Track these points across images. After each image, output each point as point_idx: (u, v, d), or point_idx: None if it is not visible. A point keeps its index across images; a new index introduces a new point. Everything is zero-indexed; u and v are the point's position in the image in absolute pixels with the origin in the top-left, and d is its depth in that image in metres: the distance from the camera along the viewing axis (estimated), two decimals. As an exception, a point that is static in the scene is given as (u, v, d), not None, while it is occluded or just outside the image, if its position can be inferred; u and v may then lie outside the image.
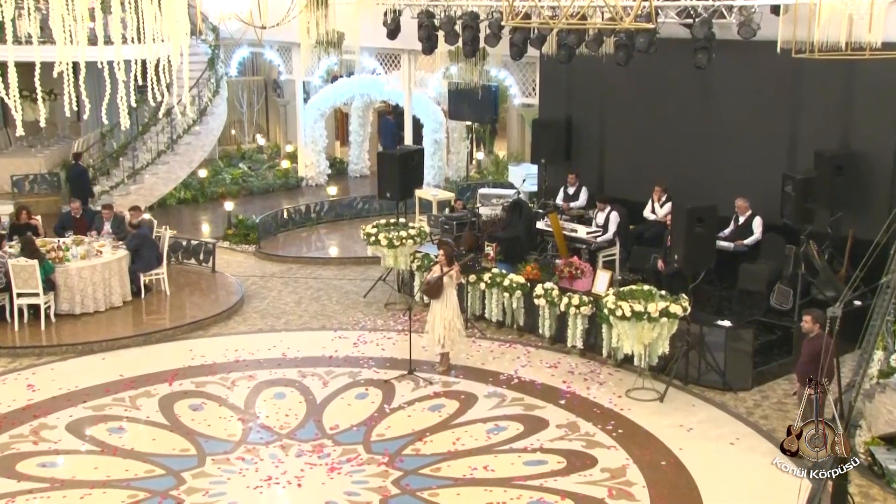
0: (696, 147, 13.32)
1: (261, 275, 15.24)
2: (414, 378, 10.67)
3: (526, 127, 22.78)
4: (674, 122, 13.59)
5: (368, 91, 21.91)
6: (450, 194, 17.76)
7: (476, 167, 23.73)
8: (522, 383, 10.56)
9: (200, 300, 13.66)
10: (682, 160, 13.49)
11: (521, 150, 23.31)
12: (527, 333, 12.14)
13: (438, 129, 21.09)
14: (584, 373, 10.89)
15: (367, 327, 12.55)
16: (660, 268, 11.56)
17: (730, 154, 12.92)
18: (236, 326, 12.74)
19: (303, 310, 13.40)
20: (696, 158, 13.30)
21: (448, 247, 11.27)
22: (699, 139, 13.27)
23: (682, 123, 13.45)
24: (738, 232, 12.09)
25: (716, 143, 13.08)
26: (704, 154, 13.20)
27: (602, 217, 13.19)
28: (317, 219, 18.45)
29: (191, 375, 10.83)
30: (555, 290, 11.50)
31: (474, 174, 22.64)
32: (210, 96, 19.17)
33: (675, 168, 13.54)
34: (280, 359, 11.38)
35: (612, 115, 14.69)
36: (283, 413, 9.84)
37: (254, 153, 24.43)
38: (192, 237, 16.10)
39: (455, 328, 10.71)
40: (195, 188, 20.68)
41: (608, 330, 10.74)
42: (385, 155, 14.24)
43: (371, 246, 13.28)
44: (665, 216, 12.60)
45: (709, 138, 13.17)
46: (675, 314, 9.92)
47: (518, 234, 13.25)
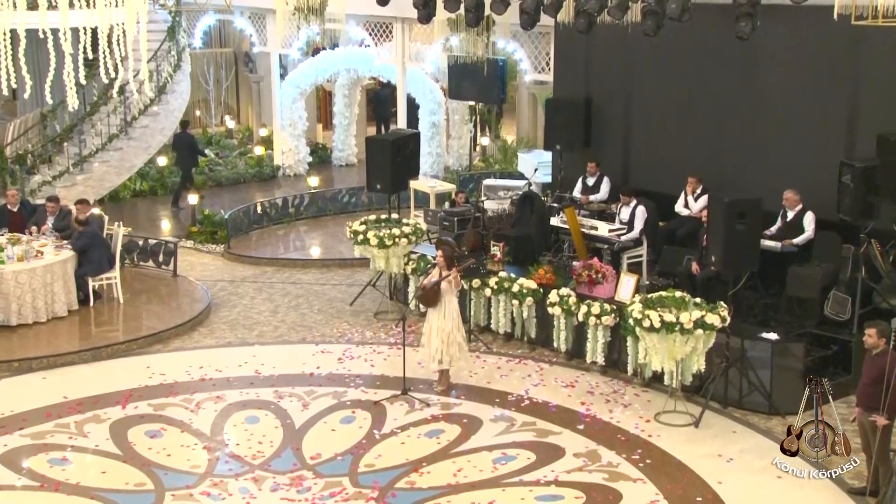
0: (737, 131, 13.34)
1: (230, 279, 15.26)
2: (408, 399, 10.69)
3: (538, 108, 22.81)
4: (711, 103, 13.61)
5: (355, 66, 21.93)
6: (450, 186, 17.79)
7: (480, 154, 23.74)
8: (534, 405, 10.58)
9: (159, 309, 13.67)
10: (720, 146, 13.51)
11: (533, 135, 23.34)
12: (539, 347, 12.17)
13: (437, 110, 21.12)
14: (605, 393, 10.91)
15: (353, 340, 12.57)
16: (694, 271, 11.58)
17: (777, 139, 12.95)
18: (201, 339, 12.76)
19: (279, 320, 13.42)
20: (737, 144, 13.32)
21: (448, 247, 11.29)
22: (741, 122, 13.29)
23: (721, 103, 13.47)
24: (787, 229, 12.11)
25: (760, 127, 13.10)
26: (747, 139, 13.21)
27: (627, 212, 13.21)
28: (296, 214, 18.46)
29: (148, 397, 10.84)
30: (572, 297, 11.52)
31: (478, 163, 22.66)
32: (170, 71, 19.19)
33: (712, 155, 13.56)
34: (253, 377, 11.41)
35: (638, 95, 14.72)
36: (255, 440, 9.85)
37: (222, 138, 24.43)
38: (150, 235, 16.12)
39: (455, 341, 10.73)
40: (153, 179, 20.68)
41: (634, 343, 10.76)
42: (375, 140, 14.29)
43: (358, 246, 13.30)
44: (700, 211, 12.62)
45: (752, 121, 13.19)
46: (713, 325, 9.93)
47: (529, 233, 13.27)
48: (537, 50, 17.65)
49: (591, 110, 15.27)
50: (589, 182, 14.66)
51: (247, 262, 16.19)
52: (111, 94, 18.32)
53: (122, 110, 18.42)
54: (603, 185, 14.56)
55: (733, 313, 10.33)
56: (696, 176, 13.25)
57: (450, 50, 19.02)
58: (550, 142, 15.72)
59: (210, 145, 23.66)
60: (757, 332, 10.71)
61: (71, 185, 17.87)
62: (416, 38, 19.98)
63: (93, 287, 13.52)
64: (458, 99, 20.62)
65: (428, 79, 21.12)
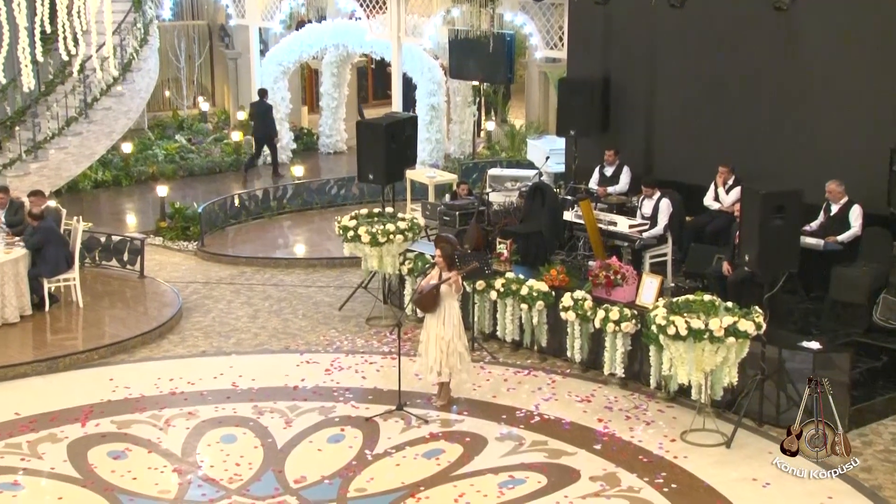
0: (774, 114, 13.34)
1: (204, 281, 15.28)
2: (404, 415, 10.70)
3: (550, 88, 22.83)
4: (745, 82, 13.61)
5: (345, 41, 21.96)
6: (451, 176, 17.81)
7: (485, 141, 23.76)
8: (545, 422, 10.58)
9: (124, 314, 13.68)
10: (755, 132, 13.51)
11: (544, 119, 23.36)
12: (551, 357, 12.18)
13: (436, 91, 21.13)
14: (625, 409, 10.92)
15: (343, 349, 12.59)
16: (725, 272, 11.59)
17: (820, 123, 12.95)
18: (172, 348, 12.78)
19: (259, 326, 13.44)
20: (774, 129, 13.32)
21: (448, 245, 11.28)
22: (779, 104, 13.29)
23: (757, 83, 13.47)
24: (830, 225, 12.12)
25: (801, 110, 13.10)
26: (786, 124, 13.22)
27: (649, 206, 13.23)
28: (278, 208, 18.50)
29: (111, 413, 10.84)
30: (587, 301, 11.53)
31: (483, 150, 22.68)
32: (136, 46, 19.21)
33: (746, 142, 13.56)
34: (229, 390, 11.42)
35: (663, 73, 14.72)
36: (232, 461, 9.85)
37: (195, 122, 24.46)
38: (114, 231, 16.12)
39: (457, 351, 10.74)
40: (117, 167, 20.70)
41: (657, 353, 10.77)
42: (367, 125, 14.29)
43: (348, 243, 13.29)
44: (733, 204, 12.64)
45: (792, 103, 13.19)
46: (746, 333, 9.92)
47: (539, 229, 13.29)
48: (549, 23, 17.66)
49: (609, 91, 15.27)
50: (607, 172, 14.67)
51: (223, 261, 16.21)
52: (70, 73, 18.33)
53: (81, 90, 18.42)
54: (622, 175, 14.57)
55: (770, 319, 10.31)
56: (728, 165, 13.25)
57: (451, 23, 19.04)
58: (564, 126, 15.72)
59: (181, 130, 23.69)
60: (797, 340, 10.70)
61: (24, 174, 17.87)
62: (412, 10, 19.99)
63: (49, 289, 13.53)
64: (460, 78, 20.64)
65: (426, 56, 21.13)
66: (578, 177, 15.14)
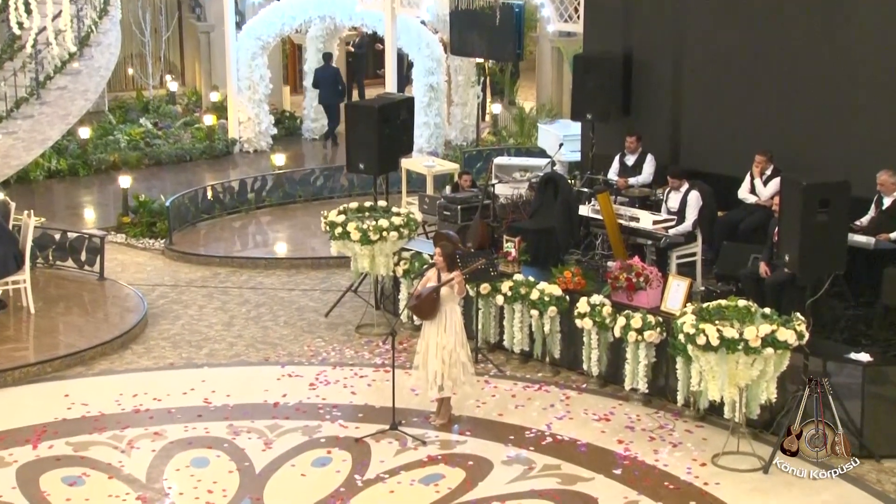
0: (817, 96, 13.30)
1: (173, 283, 15.27)
2: (399, 435, 10.70)
3: (565, 66, 22.79)
4: (784, 60, 13.57)
5: (332, 12, 21.94)
6: (453, 165, 17.80)
7: (490, 126, 23.75)
8: (559, 444, 10.59)
9: (82, 321, 13.67)
10: (796, 116, 13.47)
11: (558, 101, 23.34)
12: (565, 370, 12.20)
13: (435, 69, 21.11)
14: (649, 429, 10.92)
15: (329, 361, 12.60)
16: (763, 273, 11.57)
17: (869, 106, 12.91)
18: (135, 360, 12.78)
19: (235, 335, 13.45)
20: (817, 113, 13.28)
21: (449, 243, 11.29)
22: (823, 86, 13.24)
23: (799, 62, 13.44)
24: (882, 220, 12.09)
25: (848, 91, 13.07)
26: (831, 107, 13.17)
27: (676, 199, 13.21)
28: (256, 201, 18.49)
29: (66, 433, 10.82)
30: (606, 307, 11.52)
31: (488, 136, 22.67)
32: (95, 18, 19.19)
33: (785, 127, 13.53)
34: (201, 407, 11.41)
35: (692, 50, 14.68)
36: (204, 488, 9.84)
37: (162, 104, 24.43)
38: (70, 228, 16.12)
39: (459, 362, 10.75)
40: (74, 155, 20.67)
41: (685, 366, 10.75)
42: (357, 107, 14.27)
43: (336, 241, 13.31)
44: (771, 197, 12.63)
45: (838, 83, 13.15)
46: (786, 343, 9.92)
47: (552, 225, 13.28)
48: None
49: (631, 69, 15.23)
50: (628, 161, 14.65)
51: (194, 261, 16.20)
52: (20, 47, 18.29)
53: (33, 67, 18.39)
54: (646, 164, 14.55)
55: (813, 328, 10.30)
56: (766, 153, 13.22)
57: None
58: (579, 110, 15.68)
59: (147, 113, 23.66)
60: (844, 351, 10.69)
61: (-33, 162, 17.87)
62: (408, -23, 19.98)
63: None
64: (462, 55, 20.62)
65: (424, 29, 21.11)
66: (596, 166, 15.12)
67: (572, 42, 21.37)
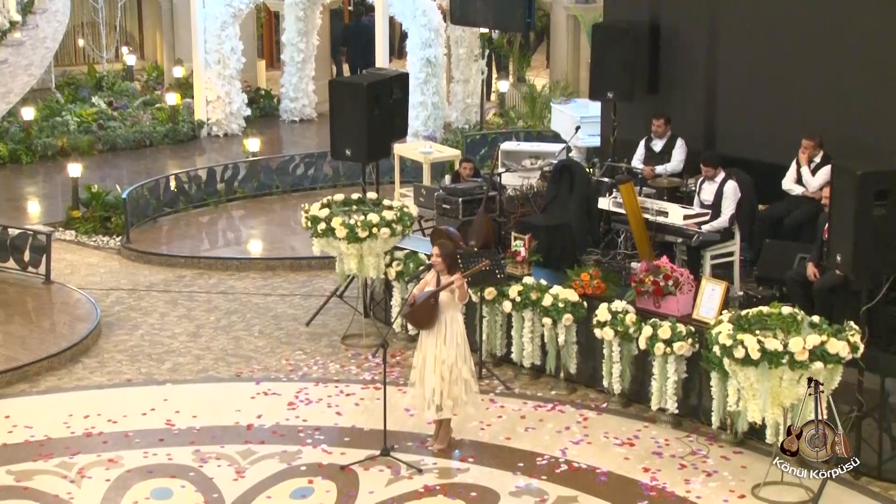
0: (874, 74, 13.27)
1: (130, 287, 15.28)
2: (391, 462, 10.69)
3: (582, 38, 22.79)
4: (838, 32, 13.55)
5: (313, -25, 21.95)
6: (453, 152, 17.78)
7: (497, 106, 23.75)
8: (575, 472, 10.59)
9: (24, 331, 13.67)
10: (848, 96, 13.45)
11: (574, 78, 23.35)
12: (583, 388, 12.19)
13: (433, 41, 21.08)
14: (679, 455, 10.92)
15: (311, 376, 12.60)
16: (811, 276, 11.55)
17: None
18: (87, 376, 12.77)
19: (202, 347, 13.45)
20: (873, 93, 13.26)
21: (449, 242, 11.32)
22: (880, 61, 13.22)
23: (850, 34, 13.41)
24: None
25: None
26: (890, 85, 13.14)
27: (711, 190, 13.20)
28: (227, 192, 18.52)
29: (7, 460, 10.81)
30: (630, 315, 11.50)
31: (493, 118, 22.66)
32: (41, -17, 19.20)
33: (837, 109, 13.51)
34: (163, 430, 11.40)
35: (728, 20, 14.67)
36: (166, 524, 9.82)
37: (117, 80, 24.43)
38: (11, 223, 16.13)
39: (460, 378, 10.75)
40: (16, 140, 20.64)
41: (721, 383, 10.73)
42: (343, 84, 14.23)
43: (319, 239, 13.32)
44: (820, 188, 12.62)
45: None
46: (838, 356, 9.90)
47: (567, 220, 13.28)
48: (580, -47, 17.63)
49: (658, 42, 15.23)
50: (655, 146, 14.65)
51: (154, 261, 16.22)
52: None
53: (-31, 40, 18.41)
54: (676, 150, 14.55)
55: (868, 339, 10.28)
56: (814, 138, 13.21)
57: (452, -47, 18.99)
58: (599, 88, 15.68)
59: (100, 91, 23.64)
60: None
61: None
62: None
63: (-72, 298, 13.52)
64: (463, 25, 20.61)
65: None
66: (618, 153, 15.13)
67: (591, 9, 21.41)
